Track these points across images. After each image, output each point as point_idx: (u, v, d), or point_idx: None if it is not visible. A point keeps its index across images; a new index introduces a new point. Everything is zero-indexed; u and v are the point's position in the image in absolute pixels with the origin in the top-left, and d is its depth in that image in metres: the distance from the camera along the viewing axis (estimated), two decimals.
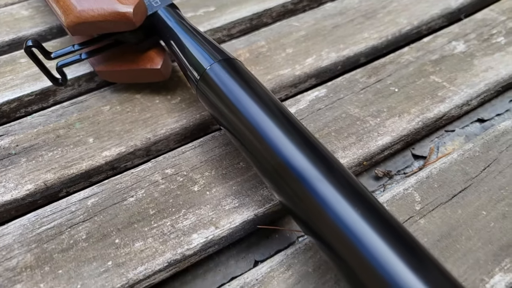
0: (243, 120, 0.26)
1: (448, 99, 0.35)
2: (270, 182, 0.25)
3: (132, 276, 0.26)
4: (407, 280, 0.18)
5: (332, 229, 0.21)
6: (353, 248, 0.20)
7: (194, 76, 0.29)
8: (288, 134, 0.24)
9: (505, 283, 0.24)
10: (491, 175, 0.29)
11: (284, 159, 0.23)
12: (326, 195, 0.21)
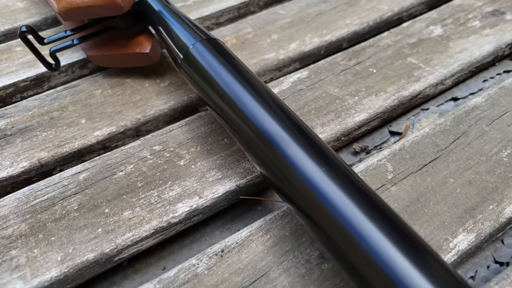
0: (224, 95, 0.27)
1: (423, 79, 0.37)
2: (250, 153, 0.26)
3: (121, 242, 0.28)
4: (373, 234, 0.20)
5: (305, 192, 0.22)
6: (325, 211, 0.22)
7: (178, 56, 0.31)
8: (265, 105, 0.26)
9: (468, 242, 0.26)
10: (459, 146, 0.31)
11: (261, 127, 0.25)
12: (296, 158, 0.23)
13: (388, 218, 0.21)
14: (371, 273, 0.19)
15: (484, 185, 0.28)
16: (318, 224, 0.22)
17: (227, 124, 0.28)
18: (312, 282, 0.25)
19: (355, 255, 0.20)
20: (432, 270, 0.19)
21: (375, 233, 0.20)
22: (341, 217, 0.21)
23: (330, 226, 0.21)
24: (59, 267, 0.26)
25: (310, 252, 0.26)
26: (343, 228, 0.21)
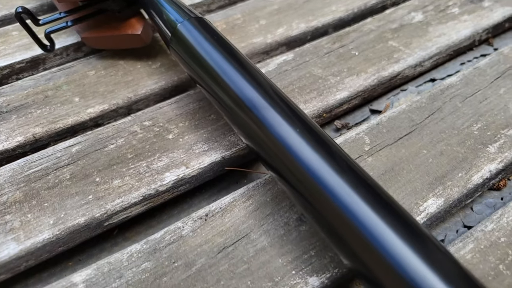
0: (210, 69, 0.29)
1: (402, 60, 0.38)
2: (235, 124, 0.28)
3: (110, 207, 0.29)
4: (345, 193, 0.22)
5: (284, 156, 0.24)
6: (303, 174, 0.23)
7: (167, 34, 0.33)
8: (248, 77, 0.27)
9: (436, 206, 0.27)
10: (433, 121, 0.33)
11: (244, 97, 0.26)
12: (275, 123, 0.24)
13: (359, 178, 0.22)
14: (345, 230, 0.21)
15: (455, 156, 0.30)
16: (297, 187, 0.23)
17: (213, 97, 0.29)
18: (290, 242, 0.26)
19: (331, 215, 0.21)
20: (394, 217, 0.20)
21: (348, 192, 0.22)
22: (317, 178, 0.22)
23: (307, 188, 0.23)
24: (51, 230, 0.28)
25: (289, 216, 0.28)
26: (320, 189, 0.22)
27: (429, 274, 0.19)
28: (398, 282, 0.19)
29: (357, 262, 0.21)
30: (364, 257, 0.20)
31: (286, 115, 0.25)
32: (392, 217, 0.20)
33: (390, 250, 0.20)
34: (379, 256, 0.20)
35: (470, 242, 0.25)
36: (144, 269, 0.26)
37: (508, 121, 0.32)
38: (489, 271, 0.24)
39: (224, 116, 0.29)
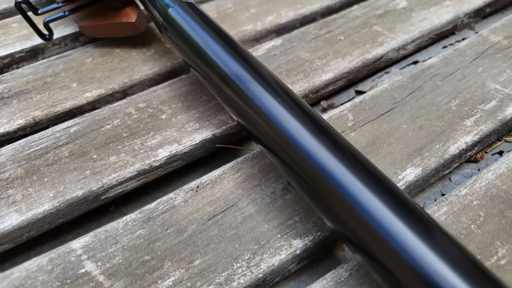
0: (201, 51, 0.31)
1: (386, 44, 0.40)
2: (224, 98, 0.29)
3: (107, 181, 0.31)
4: (329, 162, 0.23)
5: (266, 124, 0.25)
6: (287, 143, 0.25)
7: (159, 19, 0.34)
8: (235, 56, 0.29)
9: (414, 175, 0.29)
10: (414, 98, 0.34)
11: (230, 71, 0.28)
12: (258, 93, 0.26)
13: (338, 143, 0.24)
14: (328, 193, 0.22)
15: (433, 129, 0.32)
16: (281, 155, 0.25)
17: (203, 76, 0.31)
18: (276, 209, 0.28)
19: (313, 179, 0.23)
20: (372, 179, 0.22)
21: (328, 156, 0.23)
22: (299, 145, 0.24)
23: (295, 158, 0.24)
24: (51, 202, 0.29)
25: (276, 186, 0.29)
26: (302, 155, 0.24)
27: (406, 230, 0.20)
28: (377, 240, 0.20)
29: (339, 223, 0.22)
30: (346, 218, 0.22)
31: (269, 87, 0.26)
32: (371, 179, 0.22)
33: (369, 210, 0.21)
34: (359, 216, 0.21)
35: (444, 206, 0.27)
36: (139, 236, 0.27)
37: (485, 97, 0.34)
38: (461, 230, 0.25)
39: (215, 94, 0.31)
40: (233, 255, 0.26)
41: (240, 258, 0.26)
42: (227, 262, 0.26)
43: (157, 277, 0.25)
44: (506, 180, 0.28)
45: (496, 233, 0.25)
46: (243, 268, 0.25)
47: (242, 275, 0.25)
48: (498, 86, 0.35)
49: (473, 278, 0.19)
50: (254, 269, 0.25)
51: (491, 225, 0.25)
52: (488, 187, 0.27)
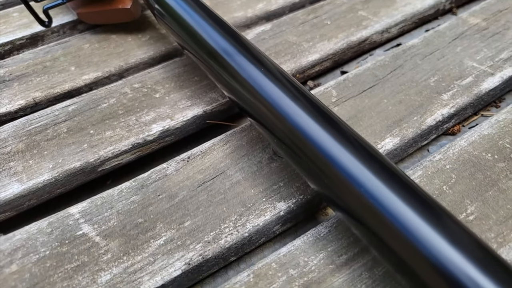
0: (192, 30, 0.32)
1: (370, 27, 0.42)
2: (215, 77, 0.31)
3: (103, 154, 0.32)
4: (311, 126, 0.25)
5: (251, 93, 0.27)
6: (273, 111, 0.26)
7: (153, 2, 0.36)
8: (220, 30, 0.31)
9: (393, 144, 0.31)
10: (395, 76, 0.36)
11: (218, 46, 0.29)
12: (243, 65, 0.28)
13: (319, 109, 0.26)
14: (311, 154, 0.24)
15: (412, 103, 0.33)
16: (269, 124, 0.27)
17: (197, 57, 0.33)
18: (262, 176, 0.30)
19: (298, 142, 0.25)
20: (352, 143, 0.23)
21: (309, 121, 0.25)
22: (285, 113, 0.26)
23: (280, 127, 0.26)
24: (50, 172, 0.31)
25: (262, 156, 0.31)
26: (288, 123, 0.25)
27: (382, 187, 0.22)
28: (358, 199, 0.22)
29: (322, 184, 0.24)
30: (327, 178, 0.23)
31: (254, 59, 0.28)
32: (351, 143, 0.24)
33: (348, 169, 0.23)
34: (339, 176, 0.23)
35: (419, 170, 0.28)
36: (133, 201, 0.29)
37: (462, 74, 0.36)
38: (433, 191, 0.27)
39: (207, 72, 0.32)
40: (220, 217, 0.28)
41: (227, 220, 0.27)
42: (215, 223, 0.27)
43: (150, 237, 0.27)
44: (477, 147, 0.29)
45: (466, 192, 0.27)
46: (230, 228, 0.27)
47: (229, 234, 0.27)
48: (475, 64, 0.36)
49: (436, 219, 0.20)
50: (240, 228, 0.27)
51: (462, 186, 0.27)
52: (461, 153, 0.29)
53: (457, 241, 0.20)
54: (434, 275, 0.20)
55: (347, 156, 0.23)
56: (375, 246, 0.22)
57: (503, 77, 0.35)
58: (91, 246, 0.27)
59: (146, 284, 0.25)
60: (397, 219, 0.21)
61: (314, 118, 0.25)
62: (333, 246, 0.25)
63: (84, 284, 0.25)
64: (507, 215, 0.25)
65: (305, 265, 0.24)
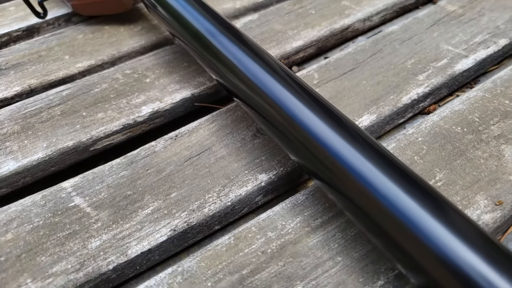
0: (180, 17, 0.34)
1: (352, 15, 0.44)
2: (203, 59, 0.33)
3: (95, 134, 0.34)
4: (287, 97, 0.26)
5: (233, 71, 0.29)
6: (257, 91, 0.28)
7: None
8: (206, 14, 0.32)
9: (370, 120, 0.32)
10: (374, 60, 0.38)
11: (203, 27, 0.31)
12: (226, 45, 0.29)
13: (298, 85, 0.27)
14: (292, 129, 0.25)
15: (389, 84, 0.35)
16: (251, 100, 0.28)
17: (181, 40, 0.34)
18: (245, 151, 0.31)
19: (279, 118, 0.26)
20: (333, 118, 0.25)
21: (295, 102, 0.26)
22: (267, 90, 0.27)
23: (265, 107, 0.27)
24: (44, 151, 0.33)
25: (246, 133, 0.33)
26: (271, 100, 0.27)
27: (359, 156, 0.23)
28: (334, 166, 0.23)
29: (302, 155, 0.25)
30: (307, 149, 0.25)
31: (237, 39, 0.30)
32: (329, 116, 0.25)
33: (327, 142, 0.24)
34: (318, 146, 0.24)
35: (393, 143, 0.30)
36: (122, 176, 0.31)
37: (437, 56, 0.37)
38: (405, 161, 0.29)
39: (195, 56, 0.34)
40: (205, 188, 0.29)
41: (211, 190, 0.29)
42: (200, 193, 0.29)
43: (138, 207, 0.28)
44: (448, 121, 0.31)
45: (435, 162, 0.28)
46: (214, 198, 0.28)
47: (212, 203, 0.28)
48: (450, 47, 0.38)
49: (405, 182, 0.22)
50: (224, 198, 0.28)
51: (432, 156, 0.29)
52: (433, 127, 0.31)
53: (420, 198, 0.22)
54: (402, 233, 0.21)
55: (325, 127, 0.25)
56: (349, 209, 0.24)
57: (476, 59, 0.37)
58: (82, 216, 0.28)
59: (134, 249, 0.26)
60: (370, 183, 0.22)
61: (295, 94, 0.26)
62: (310, 211, 0.26)
63: (75, 249, 0.26)
64: (473, 181, 0.27)
65: (282, 228, 0.26)
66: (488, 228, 0.25)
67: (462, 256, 0.19)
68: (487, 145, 0.29)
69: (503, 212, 0.25)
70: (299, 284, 0.23)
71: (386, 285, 0.23)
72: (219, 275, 0.24)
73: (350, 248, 0.24)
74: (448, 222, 0.20)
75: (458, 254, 0.19)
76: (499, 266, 0.18)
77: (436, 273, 0.20)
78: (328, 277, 0.23)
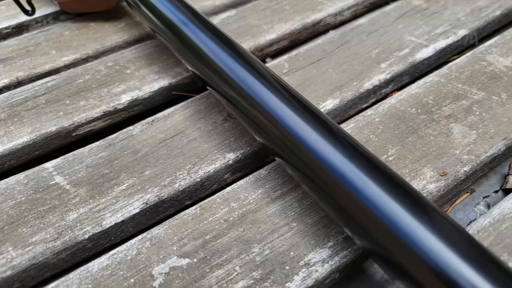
0: (159, 13, 0.36)
1: (324, 10, 0.46)
2: (180, 54, 0.35)
3: (77, 120, 0.36)
4: (251, 82, 0.29)
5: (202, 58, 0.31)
6: (231, 82, 0.30)
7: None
8: (182, 7, 0.35)
9: (333, 104, 0.35)
10: (341, 50, 0.40)
11: (176, 18, 0.34)
12: (197, 34, 0.32)
13: (262, 70, 0.29)
14: (257, 113, 0.28)
15: (354, 72, 0.37)
16: (221, 89, 0.30)
17: (158, 33, 0.37)
18: (216, 133, 0.33)
19: (245, 105, 0.28)
20: (289, 98, 0.27)
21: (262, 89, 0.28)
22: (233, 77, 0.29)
23: (237, 96, 0.30)
24: (29, 135, 0.35)
25: (217, 118, 0.35)
26: (238, 85, 0.29)
27: (313, 132, 0.26)
28: (293, 144, 0.25)
29: (263, 135, 0.27)
30: (270, 130, 0.27)
31: (207, 29, 0.32)
32: (291, 100, 0.27)
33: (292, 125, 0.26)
34: (279, 127, 0.26)
35: (351, 123, 0.32)
36: (101, 157, 0.33)
37: (400, 47, 0.40)
38: (362, 139, 0.31)
39: (168, 45, 0.36)
40: (177, 166, 0.31)
41: (182, 168, 0.31)
42: (172, 171, 0.31)
43: (114, 184, 0.30)
44: (404, 103, 0.33)
45: (389, 139, 0.31)
46: (184, 175, 0.31)
47: (182, 179, 0.30)
48: (413, 38, 0.40)
49: (355, 156, 0.24)
50: (193, 174, 0.31)
51: (387, 134, 0.31)
52: (389, 109, 0.33)
53: (366, 170, 0.24)
54: (349, 200, 0.23)
55: (287, 110, 0.27)
56: (304, 182, 0.26)
57: (436, 48, 0.39)
58: (62, 193, 0.30)
59: (108, 220, 0.28)
60: (322, 157, 0.25)
61: (260, 81, 0.28)
62: (270, 184, 0.29)
63: (54, 221, 0.28)
64: (421, 155, 0.29)
65: (244, 199, 0.28)
66: (432, 196, 0.27)
67: (400, 216, 0.21)
68: (438, 124, 0.31)
69: (447, 182, 0.27)
70: (256, 246, 0.25)
71: (335, 246, 0.25)
72: (184, 240, 0.26)
73: (305, 215, 0.26)
74: (388, 189, 0.22)
75: (395, 215, 0.22)
76: (418, 211, 0.21)
77: (376, 233, 0.22)
78: (283, 240, 0.25)
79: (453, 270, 0.19)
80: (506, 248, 0.24)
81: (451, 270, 0.19)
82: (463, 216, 0.29)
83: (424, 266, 0.20)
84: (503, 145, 0.30)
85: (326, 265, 0.24)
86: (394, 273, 0.22)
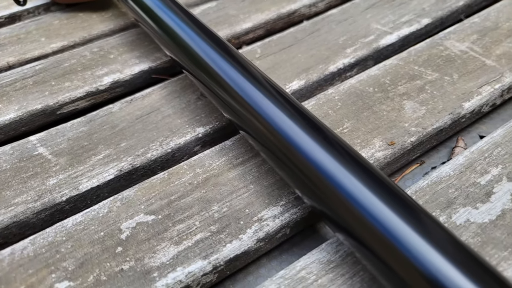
0: (143, 5, 0.39)
1: (299, 1, 0.49)
2: (159, 39, 0.37)
3: (61, 99, 0.39)
4: (230, 72, 0.31)
5: (178, 45, 0.34)
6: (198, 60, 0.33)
7: None
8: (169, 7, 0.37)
9: (298, 85, 0.37)
10: (312, 37, 0.43)
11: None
12: (175, 21, 0.34)
13: (233, 55, 0.32)
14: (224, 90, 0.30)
15: (321, 56, 0.40)
16: (193, 70, 0.33)
17: (141, 22, 0.39)
18: (188, 111, 0.36)
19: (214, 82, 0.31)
20: (257, 79, 0.30)
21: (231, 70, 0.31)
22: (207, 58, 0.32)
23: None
24: (16, 112, 0.37)
25: (191, 97, 0.37)
26: (208, 66, 0.32)
27: (274, 107, 0.28)
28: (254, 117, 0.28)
29: (232, 113, 0.30)
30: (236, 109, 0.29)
31: (184, 17, 0.35)
32: (258, 81, 0.30)
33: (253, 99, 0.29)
34: (245, 104, 0.29)
35: (312, 101, 0.35)
36: (81, 131, 0.35)
37: (366, 34, 0.42)
38: (320, 114, 0.33)
39: (145, 29, 0.39)
40: (150, 139, 0.34)
41: (156, 141, 0.34)
42: (145, 143, 0.33)
43: (92, 154, 0.33)
44: (363, 83, 0.36)
45: (346, 114, 0.33)
46: (156, 146, 0.33)
47: (155, 150, 0.33)
48: (379, 26, 0.43)
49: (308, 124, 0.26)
50: (165, 146, 0.33)
51: (344, 110, 0.33)
52: (349, 88, 0.35)
53: (316, 137, 0.26)
54: (299, 164, 0.25)
55: (254, 90, 0.29)
56: (262, 150, 0.28)
57: (400, 35, 0.42)
58: (44, 162, 0.33)
59: (84, 185, 0.31)
60: (277, 126, 0.27)
61: (228, 63, 0.31)
62: (233, 153, 0.31)
63: (35, 186, 0.31)
64: (373, 128, 0.32)
65: (209, 166, 0.30)
66: (379, 163, 0.29)
67: (339, 174, 0.24)
68: (392, 101, 0.34)
69: (394, 150, 0.30)
70: (215, 205, 0.28)
71: (287, 205, 0.27)
72: (151, 200, 0.28)
73: (262, 179, 0.29)
74: (333, 153, 0.24)
75: (336, 174, 0.24)
76: (355, 168, 0.23)
77: (320, 192, 0.24)
78: (240, 200, 0.28)
79: (384, 218, 0.22)
80: (439, 205, 0.26)
81: (385, 220, 0.22)
82: (411, 184, 0.31)
83: (360, 219, 0.22)
84: (449, 119, 0.32)
85: (277, 220, 0.26)
86: (336, 227, 0.25)
